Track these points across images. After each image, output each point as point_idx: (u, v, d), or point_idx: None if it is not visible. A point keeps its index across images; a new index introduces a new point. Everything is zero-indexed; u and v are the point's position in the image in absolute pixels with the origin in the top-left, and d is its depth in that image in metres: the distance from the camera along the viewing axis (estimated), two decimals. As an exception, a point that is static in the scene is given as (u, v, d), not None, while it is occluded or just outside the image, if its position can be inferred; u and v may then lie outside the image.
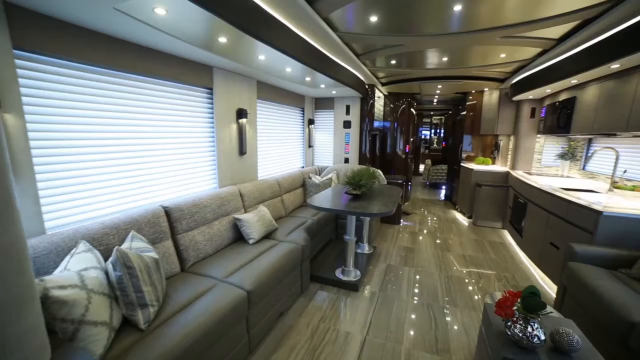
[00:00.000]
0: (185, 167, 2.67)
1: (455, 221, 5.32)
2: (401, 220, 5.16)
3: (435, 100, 6.99)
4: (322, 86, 3.98)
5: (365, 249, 3.71)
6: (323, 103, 5.03)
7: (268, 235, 2.87)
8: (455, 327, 2.39)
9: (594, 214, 2.42)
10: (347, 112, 4.88)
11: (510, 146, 5.23)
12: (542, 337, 1.39)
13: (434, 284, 3.07)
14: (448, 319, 2.50)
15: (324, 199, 3.08)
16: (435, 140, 11.63)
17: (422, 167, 10.01)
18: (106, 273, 1.48)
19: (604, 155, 3.67)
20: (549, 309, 1.74)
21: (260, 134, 3.71)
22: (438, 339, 2.26)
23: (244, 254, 2.43)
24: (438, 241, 4.31)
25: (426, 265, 3.49)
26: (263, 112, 3.78)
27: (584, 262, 2.31)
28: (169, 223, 2.20)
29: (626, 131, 2.65)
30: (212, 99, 2.86)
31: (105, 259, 1.56)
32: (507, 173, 4.86)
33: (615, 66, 2.60)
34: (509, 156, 5.27)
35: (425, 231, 4.75)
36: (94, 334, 1.23)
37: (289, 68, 2.95)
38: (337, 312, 2.58)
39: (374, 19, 2.50)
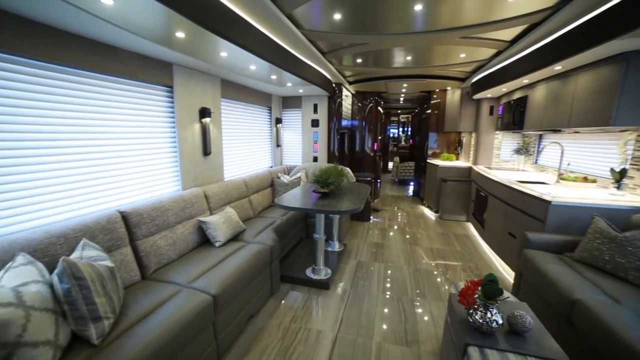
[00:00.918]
0: (145, 170, 2.52)
1: (423, 216, 5.51)
2: (371, 217, 5.26)
3: (401, 98, 7.19)
4: (289, 84, 3.94)
5: (336, 246, 3.73)
6: (290, 102, 4.99)
7: (235, 237, 2.80)
8: (424, 319, 2.47)
9: (544, 204, 2.61)
10: (315, 111, 4.88)
11: (472, 142, 5.50)
12: (500, 321, 1.47)
13: (403, 277, 3.16)
14: (417, 311, 2.58)
15: (292, 198, 3.05)
16: (403, 138, 11.98)
17: (391, 165, 10.28)
18: (51, 287, 1.34)
19: (552, 150, 3.97)
20: (505, 294, 1.84)
21: (226, 134, 3.61)
22: (407, 331, 2.32)
23: (209, 258, 2.35)
24: (407, 236, 4.44)
25: (396, 260, 3.58)
26: (228, 111, 3.67)
27: (537, 249, 2.48)
28: (127, 229, 2.07)
29: (568, 127, 2.88)
30: (172, 97, 2.73)
31: (52, 271, 1.42)
32: (470, 168, 5.12)
33: (558, 68, 2.82)
34: (471, 152, 5.54)
35: (394, 227, 4.87)
36: (34, 356, 1.11)
37: (253, 66, 2.88)
38: (308, 311, 2.57)
39: (337, 16, 2.51)
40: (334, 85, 4.82)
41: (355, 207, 2.63)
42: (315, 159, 5.02)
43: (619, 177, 2.71)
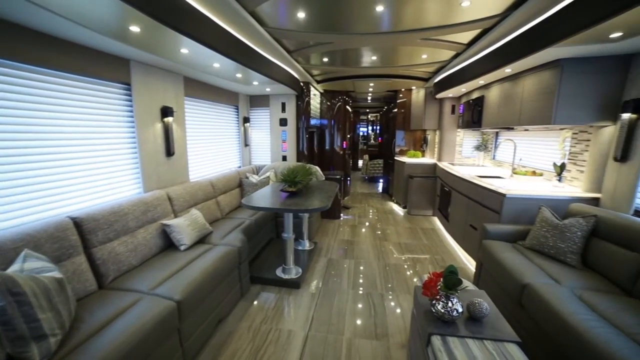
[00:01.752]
0: (102, 172, 2.37)
1: (392, 212, 5.68)
2: (341, 215, 5.32)
3: (369, 97, 7.34)
4: (255, 83, 3.88)
5: (306, 245, 3.73)
6: (258, 101, 4.92)
7: (202, 240, 2.72)
8: (393, 312, 2.54)
9: (500, 197, 2.79)
10: (283, 110, 4.85)
11: (437, 140, 5.74)
12: (460, 310, 1.55)
13: (373, 273, 3.23)
14: (386, 305, 2.65)
15: (260, 198, 3.01)
16: (373, 136, 12.25)
17: (361, 163, 10.46)
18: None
19: (506, 146, 4.25)
20: (465, 284, 1.94)
21: (191, 134, 3.48)
22: (377, 324, 2.38)
23: (174, 262, 2.26)
24: (376, 232, 4.55)
25: (366, 256, 3.66)
26: (192, 110, 3.55)
27: (494, 239, 2.64)
28: (81, 236, 1.93)
29: (519, 125, 3.10)
30: (130, 95, 2.58)
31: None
32: (435, 164, 5.34)
33: (508, 70, 3.03)
34: (436, 149, 5.78)
35: (364, 223, 4.97)
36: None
37: (216, 64, 2.80)
38: (279, 311, 2.55)
39: (302, 15, 2.50)
40: (301, 84, 4.81)
41: (323, 205, 2.65)
42: (284, 158, 4.99)
43: (560, 170, 2.98)
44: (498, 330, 1.52)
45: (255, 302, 2.68)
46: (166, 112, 2.91)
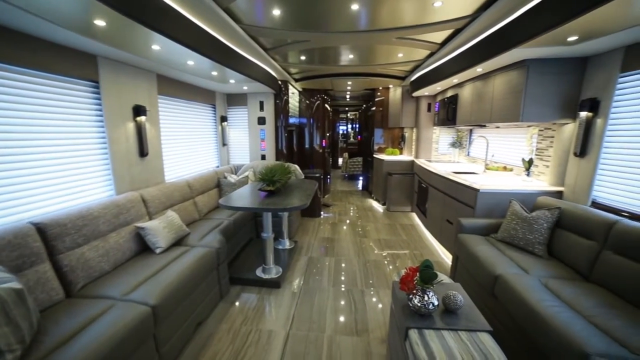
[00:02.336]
0: (69, 174, 2.25)
1: (372, 209, 5.75)
2: (321, 213, 5.34)
3: (347, 96, 7.39)
4: (232, 81, 3.80)
5: (287, 244, 3.72)
6: (235, 99, 4.83)
7: (179, 242, 2.64)
8: (373, 308, 2.58)
9: (474, 192, 2.89)
10: (261, 108, 4.79)
11: (414, 137, 5.86)
12: (436, 303, 1.59)
13: (354, 270, 3.26)
14: (367, 301, 2.68)
15: (238, 197, 2.96)
16: (352, 134, 12.36)
17: (341, 161, 10.53)
18: None
19: (480, 143, 4.41)
20: (440, 277, 2.00)
21: (166, 133, 3.37)
22: (358, 321, 2.41)
23: (149, 266, 2.19)
24: (356, 229, 4.59)
25: (346, 253, 3.69)
26: (167, 109, 3.43)
27: (469, 233, 2.74)
28: (45, 242, 1.82)
29: (490, 122, 3.23)
30: (99, 94, 2.45)
31: None
32: (412, 162, 5.46)
33: (479, 70, 3.14)
34: (413, 146, 5.91)
35: (344, 221, 5.01)
36: None
37: (190, 61, 2.72)
38: (259, 312, 2.52)
39: (277, 12, 2.48)
40: (279, 82, 4.77)
41: (302, 203, 2.65)
42: (263, 157, 4.94)
43: (528, 165, 3.13)
44: (472, 321, 1.57)
45: (236, 304, 2.64)
46: (138, 111, 2.79)
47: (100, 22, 1.75)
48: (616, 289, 1.79)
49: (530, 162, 3.13)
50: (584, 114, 2.40)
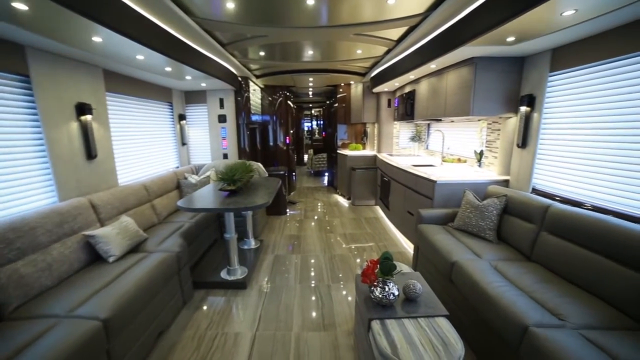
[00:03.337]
0: (-3, 181, 2.00)
1: (337, 204, 5.83)
2: (287, 210, 5.32)
3: (310, 92, 7.38)
4: (189, 78, 3.62)
5: (252, 244, 3.65)
6: (194, 97, 4.62)
7: (135, 249, 2.49)
8: (340, 302, 2.62)
9: (432, 184, 3.03)
10: (222, 106, 4.63)
11: (376, 132, 6.01)
12: (396, 293, 1.65)
13: (320, 265, 3.29)
14: (333, 295, 2.72)
15: (198, 198, 2.85)
16: (317, 130, 12.40)
17: (306, 157, 10.53)
18: None
19: (436, 136, 4.63)
20: (400, 268, 2.08)
21: (118, 133, 3.14)
22: (325, 316, 2.43)
23: (101, 276, 2.03)
24: (322, 225, 4.63)
25: (312, 250, 3.71)
26: (118, 107, 3.20)
27: (428, 223, 2.88)
28: (-38, 261, 1.61)
29: (445, 116, 3.40)
30: (31, 89, 2.20)
31: None
32: (375, 156, 5.60)
33: (433, 66, 3.28)
34: (375, 141, 6.06)
35: (310, 217, 5.03)
36: None
37: (140, 56, 2.54)
38: (225, 315, 2.46)
39: (231, 5, 2.39)
40: (239, 78, 4.64)
41: (264, 202, 2.61)
42: (225, 156, 4.79)
43: (479, 157, 3.35)
44: (430, 307, 1.66)
45: (200, 309, 2.55)
46: (83, 109, 2.56)
47: (20, 6, 1.55)
48: (551, 266, 1.99)
49: (481, 154, 3.35)
50: (523, 109, 2.62)
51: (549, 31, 2.02)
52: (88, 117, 2.61)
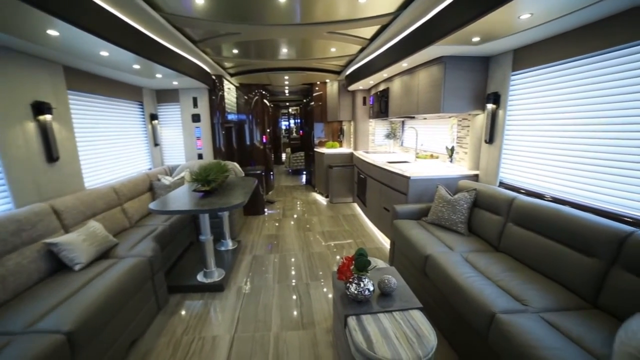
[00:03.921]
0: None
1: (315, 202, 5.85)
2: (265, 210, 5.27)
3: (286, 91, 7.33)
4: (159, 76, 3.49)
5: (229, 245, 3.59)
6: (166, 95, 4.46)
7: (105, 255, 2.38)
8: (319, 300, 2.63)
9: (406, 179, 3.11)
10: (195, 105, 4.50)
11: (352, 130, 6.07)
12: (372, 288, 1.68)
13: (299, 264, 3.29)
14: (312, 293, 2.73)
15: (171, 200, 2.76)
16: (295, 129, 12.34)
17: (284, 156, 10.48)
18: None
19: (410, 133, 4.75)
20: (375, 263, 2.11)
21: (83, 135, 2.97)
22: (304, 314, 2.44)
23: (65, 286, 1.91)
24: (301, 223, 4.63)
25: (291, 248, 3.70)
26: (83, 106, 3.03)
27: (403, 219, 2.95)
28: None
29: (417, 114, 3.49)
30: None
31: None
32: (351, 154, 5.66)
33: (404, 64, 3.36)
34: (352, 139, 6.12)
35: (288, 216, 5.01)
36: None
37: (104, 52, 2.41)
38: (202, 319, 2.41)
39: (200, 1, 2.32)
40: (213, 77, 4.53)
41: (239, 202, 2.57)
42: (200, 157, 4.67)
43: (451, 153, 3.47)
44: (405, 301, 1.71)
45: (176, 314, 2.48)
46: (41, 108, 2.39)
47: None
48: (517, 255, 2.10)
49: (452, 150, 3.47)
50: (490, 106, 2.75)
51: (510, 33, 2.12)
52: (47, 117, 2.45)
